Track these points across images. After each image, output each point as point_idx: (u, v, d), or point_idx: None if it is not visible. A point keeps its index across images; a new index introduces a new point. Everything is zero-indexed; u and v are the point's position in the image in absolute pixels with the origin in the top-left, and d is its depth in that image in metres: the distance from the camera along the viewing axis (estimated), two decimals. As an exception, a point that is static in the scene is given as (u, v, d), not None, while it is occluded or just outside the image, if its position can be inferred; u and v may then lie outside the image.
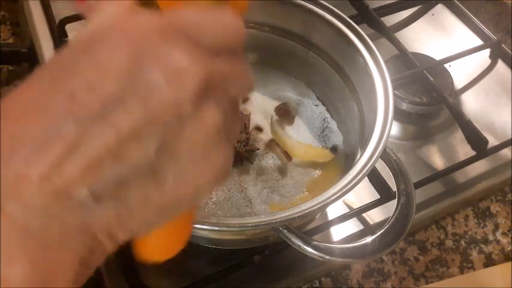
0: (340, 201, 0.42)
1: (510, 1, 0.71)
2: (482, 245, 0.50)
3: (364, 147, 0.39)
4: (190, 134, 0.22)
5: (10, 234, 0.19)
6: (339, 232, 0.47)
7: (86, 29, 0.23)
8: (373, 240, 0.36)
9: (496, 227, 0.51)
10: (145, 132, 0.21)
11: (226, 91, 0.24)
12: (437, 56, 0.60)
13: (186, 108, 0.22)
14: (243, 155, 0.48)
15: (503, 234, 0.50)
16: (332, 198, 0.35)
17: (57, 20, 0.58)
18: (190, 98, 0.22)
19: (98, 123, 0.20)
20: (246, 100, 0.53)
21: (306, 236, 0.35)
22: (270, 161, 0.49)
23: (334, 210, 0.47)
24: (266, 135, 0.50)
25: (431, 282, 0.47)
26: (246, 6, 0.28)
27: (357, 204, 0.48)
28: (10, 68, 0.60)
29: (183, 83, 0.22)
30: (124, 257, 0.43)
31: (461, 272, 0.48)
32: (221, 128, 0.23)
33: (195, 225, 0.33)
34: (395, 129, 0.57)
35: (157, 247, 0.28)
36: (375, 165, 0.38)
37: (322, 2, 0.47)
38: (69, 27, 0.58)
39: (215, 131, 0.23)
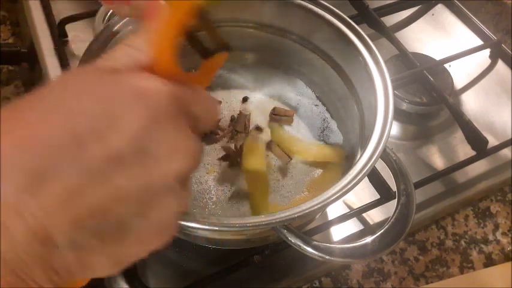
0: (340, 201, 0.42)
1: (510, 1, 0.71)
2: (482, 245, 0.50)
3: (364, 147, 0.39)
4: (165, 205, 0.24)
5: None
6: (339, 232, 0.47)
7: (101, 62, 0.25)
8: (373, 240, 0.36)
9: (496, 227, 0.51)
10: (135, 197, 0.22)
11: None
12: (437, 56, 0.60)
13: (173, 185, 0.24)
14: (238, 155, 0.48)
15: (503, 234, 0.50)
16: (332, 198, 0.35)
17: (57, 20, 0.58)
18: (180, 177, 0.24)
19: (99, 177, 0.21)
20: (245, 100, 0.53)
21: (306, 236, 0.35)
22: (270, 161, 0.49)
23: (334, 210, 0.47)
24: (266, 135, 0.50)
25: (431, 282, 0.47)
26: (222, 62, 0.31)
27: (357, 204, 0.48)
28: (10, 68, 0.60)
29: (182, 163, 0.24)
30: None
31: (461, 272, 0.48)
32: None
33: (194, 226, 0.33)
34: (395, 129, 0.57)
35: None
36: (375, 165, 0.38)
37: (322, 2, 0.47)
38: (69, 27, 0.59)
39: (183, 202, 0.26)
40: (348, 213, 0.46)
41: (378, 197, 0.46)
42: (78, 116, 0.21)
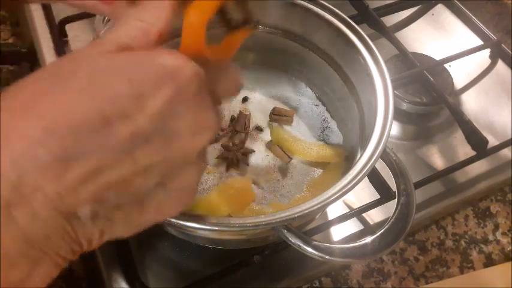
0: (340, 201, 0.42)
1: (510, 1, 0.71)
2: (482, 245, 0.50)
3: (364, 147, 0.39)
4: (185, 176, 0.25)
5: (15, 241, 0.20)
6: (339, 232, 0.47)
7: (114, 36, 0.25)
8: (373, 240, 0.36)
9: (496, 227, 0.51)
10: (156, 170, 0.23)
11: None
12: (437, 56, 0.60)
13: (193, 158, 0.25)
14: (239, 157, 0.48)
15: (503, 234, 0.50)
16: (332, 198, 0.35)
17: (57, 20, 0.58)
18: (199, 151, 0.25)
19: (121, 155, 0.22)
20: (245, 100, 0.53)
21: (306, 236, 0.35)
22: (270, 161, 0.49)
23: (334, 210, 0.47)
24: (266, 135, 0.50)
25: (431, 282, 0.47)
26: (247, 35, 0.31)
27: (357, 204, 0.48)
28: (10, 68, 0.60)
29: (203, 138, 0.25)
30: (124, 257, 0.43)
31: (461, 272, 0.48)
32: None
33: (194, 226, 0.33)
34: (395, 129, 0.57)
35: None
36: (375, 165, 0.38)
37: (322, 2, 0.47)
38: (69, 27, 0.59)
39: (200, 175, 0.27)
40: (348, 213, 0.46)
41: (378, 197, 0.46)
42: (106, 97, 0.22)
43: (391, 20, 0.66)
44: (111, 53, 0.24)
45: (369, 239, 0.36)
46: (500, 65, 0.63)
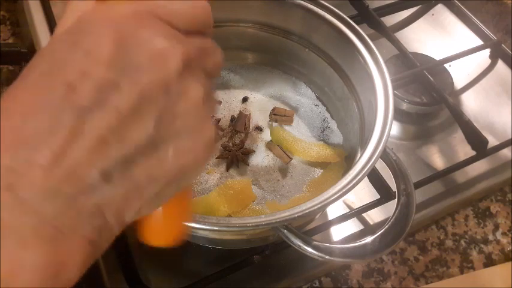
0: (340, 201, 0.42)
1: (510, 1, 0.71)
2: (482, 245, 0.50)
3: (364, 147, 0.39)
4: (180, 108, 0.24)
5: (23, 218, 0.20)
6: (339, 232, 0.47)
7: (63, 25, 0.24)
8: (373, 240, 0.36)
9: (496, 227, 0.51)
10: (142, 110, 0.23)
11: (203, 67, 0.26)
12: (437, 56, 0.60)
13: (172, 84, 0.24)
14: (239, 158, 0.48)
15: (503, 234, 0.50)
16: (332, 198, 0.35)
17: (57, 20, 0.58)
18: (174, 75, 0.24)
19: (98, 107, 0.21)
20: (245, 100, 0.53)
21: (306, 236, 0.35)
22: (270, 161, 0.49)
23: (334, 210, 0.47)
24: (266, 135, 0.50)
25: (431, 282, 0.47)
26: None
27: (357, 204, 0.48)
28: (10, 68, 0.60)
29: (167, 62, 0.23)
30: (124, 257, 0.43)
31: (461, 272, 0.48)
32: (203, 100, 0.25)
33: (194, 226, 0.33)
34: (395, 129, 0.57)
35: (160, 229, 0.28)
36: (375, 165, 0.38)
37: (322, 2, 0.47)
38: (69, 27, 0.59)
39: (199, 103, 0.25)
40: (348, 213, 0.46)
41: (378, 197, 0.46)
42: (62, 68, 0.22)
43: (391, 20, 0.66)
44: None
45: (369, 239, 0.36)
46: (500, 65, 0.63)
